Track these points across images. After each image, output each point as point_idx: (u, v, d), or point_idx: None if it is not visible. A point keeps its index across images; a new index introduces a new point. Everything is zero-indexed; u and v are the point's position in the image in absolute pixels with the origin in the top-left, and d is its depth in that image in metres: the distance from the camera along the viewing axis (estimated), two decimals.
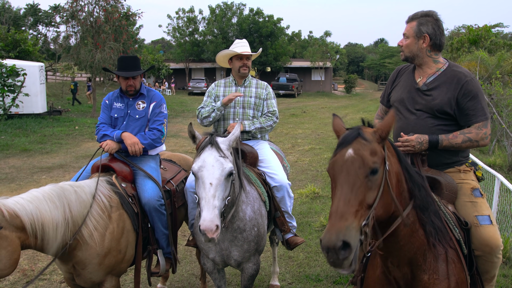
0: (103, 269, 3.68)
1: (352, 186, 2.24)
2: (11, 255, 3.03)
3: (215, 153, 3.38)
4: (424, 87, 3.37)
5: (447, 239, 2.81)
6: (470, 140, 3.24)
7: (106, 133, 4.29)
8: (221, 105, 4.51)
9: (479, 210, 3.19)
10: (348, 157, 2.32)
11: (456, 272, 2.78)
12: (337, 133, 2.64)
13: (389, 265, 2.74)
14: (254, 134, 4.66)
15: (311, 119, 25.18)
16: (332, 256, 2.11)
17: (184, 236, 6.82)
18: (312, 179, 10.83)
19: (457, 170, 3.38)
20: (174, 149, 14.56)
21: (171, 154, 5.18)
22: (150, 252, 4.25)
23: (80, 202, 3.56)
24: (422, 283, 2.70)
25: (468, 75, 3.27)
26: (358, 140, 2.37)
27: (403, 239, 2.59)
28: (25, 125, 17.77)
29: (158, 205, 4.14)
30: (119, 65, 4.38)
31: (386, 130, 2.44)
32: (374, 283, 2.93)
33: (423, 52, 3.37)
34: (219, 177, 3.28)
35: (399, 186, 2.53)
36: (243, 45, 4.70)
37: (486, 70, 18.00)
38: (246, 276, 4.03)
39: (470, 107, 3.22)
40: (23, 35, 30.84)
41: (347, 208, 2.18)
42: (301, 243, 4.52)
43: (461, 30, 38.82)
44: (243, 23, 52.20)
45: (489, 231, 3.10)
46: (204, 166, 3.30)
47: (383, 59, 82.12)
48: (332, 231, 2.13)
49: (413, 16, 3.41)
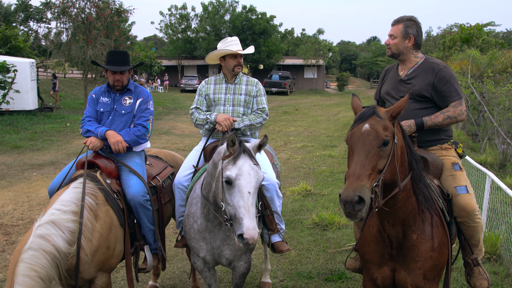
0: (93, 266, 3.64)
1: (367, 154, 2.74)
2: None
3: (249, 161, 3.34)
4: (405, 78, 3.96)
5: (433, 208, 3.33)
6: (449, 117, 3.76)
7: (90, 129, 4.27)
8: (214, 120, 4.49)
9: (457, 182, 3.70)
10: (364, 130, 2.82)
11: (439, 235, 3.30)
12: (355, 110, 3.11)
13: (385, 224, 3.21)
14: (244, 132, 4.62)
15: (303, 116, 25.20)
16: (349, 207, 2.59)
17: (176, 233, 6.79)
18: (304, 177, 10.83)
19: (439, 148, 3.92)
20: (166, 146, 14.52)
21: (158, 150, 5.15)
22: (137, 248, 4.22)
23: (71, 231, 3.46)
24: (411, 241, 3.21)
25: (441, 64, 3.87)
26: (374, 117, 2.87)
27: (400, 201, 3.07)
28: (15, 122, 17.64)
29: (143, 200, 4.12)
30: (108, 59, 4.35)
31: (398, 111, 2.94)
32: (370, 240, 3.43)
33: (407, 49, 3.95)
34: (256, 186, 3.27)
35: (402, 158, 3.02)
36: (236, 43, 4.67)
37: (477, 69, 18.09)
38: (237, 275, 4.01)
39: (445, 90, 3.78)
40: (14, 31, 30.47)
41: (362, 171, 2.68)
42: (287, 251, 4.44)
43: (453, 28, 38.99)
44: (236, 20, 52.12)
45: (466, 199, 3.61)
46: (241, 175, 3.24)
47: (375, 57, 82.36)
48: (350, 188, 2.61)
49: (399, 19, 3.98)
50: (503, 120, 13.64)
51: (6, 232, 6.88)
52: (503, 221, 6.68)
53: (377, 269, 3.40)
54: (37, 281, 3.05)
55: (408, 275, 3.24)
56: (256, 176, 3.29)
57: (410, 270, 3.23)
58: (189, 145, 14.85)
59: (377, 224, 3.31)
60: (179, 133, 18.19)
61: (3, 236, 6.74)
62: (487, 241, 6.05)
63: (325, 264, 5.89)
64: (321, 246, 6.50)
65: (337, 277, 5.47)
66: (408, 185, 3.09)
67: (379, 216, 3.22)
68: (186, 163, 4.58)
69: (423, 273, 3.22)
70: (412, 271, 3.23)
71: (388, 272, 3.34)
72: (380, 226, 3.27)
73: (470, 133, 19.97)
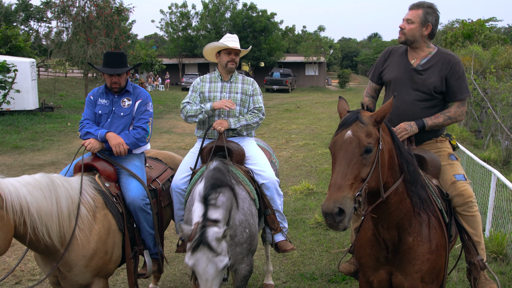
0: (89, 271, 3.56)
1: (349, 163, 2.66)
2: (5, 234, 2.98)
3: (208, 254, 3.11)
4: (420, 67, 3.80)
5: (431, 209, 3.25)
6: (450, 118, 3.76)
7: (89, 131, 4.17)
8: (210, 108, 4.38)
9: (455, 170, 3.74)
10: (346, 137, 2.73)
11: (436, 237, 3.22)
12: (340, 114, 3.02)
13: (379, 228, 3.15)
14: (240, 132, 4.55)
15: (305, 114, 25.08)
16: (330, 219, 2.56)
17: (177, 234, 6.71)
18: (307, 175, 10.74)
19: (434, 141, 3.92)
20: (167, 145, 14.45)
21: (157, 152, 5.07)
22: (136, 253, 4.13)
23: (67, 197, 3.45)
24: (407, 244, 3.14)
25: (457, 58, 3.80)
26: (357, 123, 2.76)
27: (393, 206, 3.00)
28: (16, 122, 17.56)
29: (143, 204, 4.04)
30: (105, 61, 4.25)
31: (382, 115, 2.81)
32: (365, 244, 3.39)
33: (422, 38, 3.78)
34: (215, 273, 3.14)
35: (391, 162, 2.94)
36: (233, 40, 4.59)
37: (480, 65, 17.99)
38: (239, 278, 3.93)
39: (456, 85, 3.72)
40: (14, 30, 30.41)
41: (343, 181, 2.61)
42: (291, 250, 4.39)
43: (455, 24, 38.83)
44: (237, 18, 51.93)
45: (464, 185, 3.64)
46: (198, 265, 3.12)
47: (377, 53, 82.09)
48: (330, 200, 2.57)
49: (419, 3, 3.77)
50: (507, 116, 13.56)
51: None
52: (509, 220, 6.60)
53: (373, 273, 3.35)
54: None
55: (405, 278, 3.18)
56: (214, 267, 3.11)
57: (407, 273, 3.17)
58: (190, 143, 14.77)
59: (372, 228, 3.26)
60: (180, 131, 18.10)
61: None
62: (493, 240, 5.96)
63: (329, 265, 5.81)
64: (324, 247, 6.42)
65: (341, 278, 5.39)
66: (401, 188, 3.02)
67: (373, 220, 3.16)
68: (182, 166, 4.49)
69: (420, 276, 3.15)
70: (409, 274, 3.16)
71: (385, 276, 3.28)
72: (375, 230, 3.21)
73: (473, 130, 19.88)
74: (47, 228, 3.24)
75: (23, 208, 3.08)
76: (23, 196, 3.10)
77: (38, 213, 3.17)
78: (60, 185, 3.46)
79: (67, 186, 3.53)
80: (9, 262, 5.84)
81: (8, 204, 3.01)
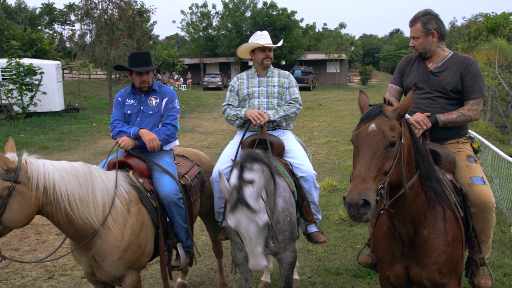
0: (123, 263, 3.69)
1: (373, 155, 2.69)
2: (22, 209, 3.19)
3: (247, 213, 3.21)
4: (435, 70, 3.90)
5: (446, 202, 3.26)
6: (463, 115, 3.75)
7: (122, 129, 4.27)
8: (244, 115, 4.52)
9: (473, 172, 3.66)
10: (371, 130, 2.75)
11: (452, 229, 3.23)
12: (361, 108, 3.05)
13: (395, 222, 3.17)
14: (279, 123, 4.66)
15: (327, 111, 25.03)
16: (353, 211, 2.56)
17: (203, 230, 6.82)
18: (330, 172, 10.76)
19: (455, 142, 3.91)
20: (191, 144, 14.60)
21: (182, 149, 5.17)
22: (169, 246, 4.25)
23: (102, 188, 3.63)
24: (423, 237, 3.16)
25: (472, 59, 3.86)
26: (380, 117, 2.79)
27: (408, 200, 3.02)
28: (43, 123, 17.98)
29: (177, 198, 4.14)
30: (132, 61, 4.33)
31: (405, 109, 2.86)
32: (381, 238, 3.41)
33: (433, 45, 3.89)
34: (257, 231, 3.23)
35: (409, 157, 2.97)
36: (265, 37, 4.70)
37: (505, 59, 17.68)
38: (285, 266, 4.07)
39: (470, 84, 3.77)
40: (39, 34, 31.02)
41: (368, 173, 2.63)
42: (323, 243, 4.50)
43: (479, 18, 38.20)
44: (257, 16, 52.05)
45: (483, 189, 3.55)
46: (239, 225, 3.23)
47: (398, 49, 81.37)
48: (354, 191, 2.57)
49: (414, 18, 3.91)
50: None
51: (37, 231, 7.03)
52: None
53: (389, 268, 3.38)
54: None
55: (422, 270, 3.21)
56: (255, 225, 3.20)
57: (424, 265, 3.19)
58: (213, 142, 14.91)
59: (387, 222, 3.29)
60: (203, 131, 18.27)
61: (34, 235, 6.89)
62: None
63: (353, 260, 5.84)
64: (348, 242, 6.45)
65: (366, 273, 5.42)
66: (416, 183, 3.05)
67: (388, 215, 3.18)
68: (223, 157, 4.57)
69: (437, 268, 3.17)
70: (426, 266, 3.19)
71: (401, 270, 3.31)
72: (390, 224, 3.24)
73: (498, 125, 19.57)
74: (79, 212, 3.44)
75: (47, 189, 3.28)
76: (51, 178, 3.31)
77: (69, 197, 3.37)
78: (98, 176, 3.64)
79: (104, 178, 3.69)
80: (41, 258, 6.02)
81: (32, 183, 3.23)
